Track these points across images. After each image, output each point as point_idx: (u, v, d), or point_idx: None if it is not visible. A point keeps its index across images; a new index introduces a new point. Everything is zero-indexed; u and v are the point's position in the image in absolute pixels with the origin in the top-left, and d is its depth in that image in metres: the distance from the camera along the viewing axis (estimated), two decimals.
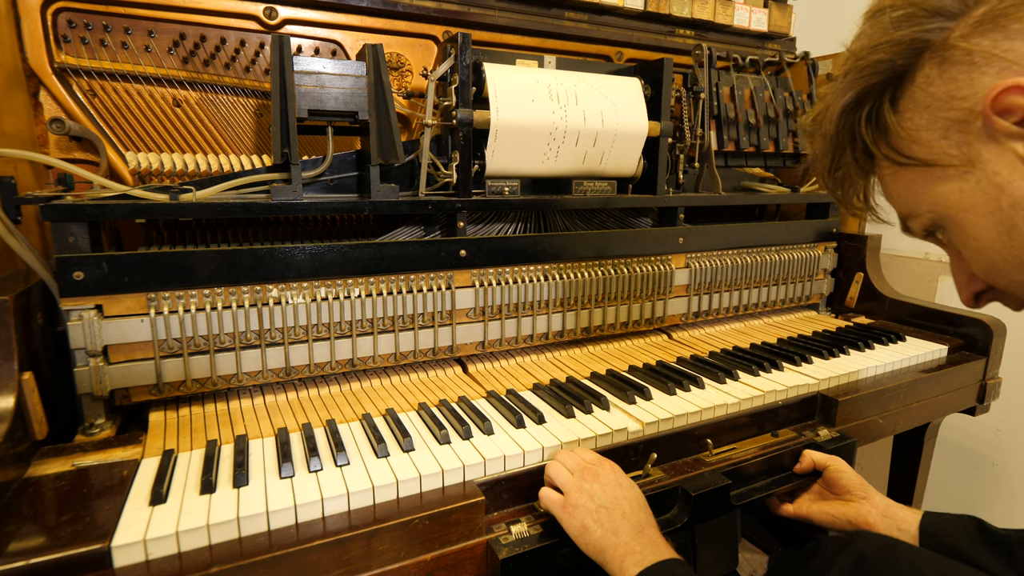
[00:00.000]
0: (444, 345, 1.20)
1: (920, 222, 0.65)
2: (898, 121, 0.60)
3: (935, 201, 0.61)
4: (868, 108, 0.62)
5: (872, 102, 0.62)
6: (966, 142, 0.57)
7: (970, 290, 0.67)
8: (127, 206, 0.94)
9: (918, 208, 0.64)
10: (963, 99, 0.56)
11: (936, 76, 0.57)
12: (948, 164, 0.59)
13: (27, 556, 0.63)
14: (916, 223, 0.66)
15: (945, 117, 0.57)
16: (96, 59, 1.10)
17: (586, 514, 0.81)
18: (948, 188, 0.60)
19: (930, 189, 0.61)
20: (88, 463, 0.83)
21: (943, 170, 0.59)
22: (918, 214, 0.64)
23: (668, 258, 1.43)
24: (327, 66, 1.05)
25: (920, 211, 0.64)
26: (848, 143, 0.65)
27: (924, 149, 0.60)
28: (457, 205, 1.19)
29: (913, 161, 0.61)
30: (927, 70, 0.58)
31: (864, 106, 0.62)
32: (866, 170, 0.67)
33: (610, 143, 1.33)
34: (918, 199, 0.63)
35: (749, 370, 1.26)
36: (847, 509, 1.04)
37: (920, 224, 0.65)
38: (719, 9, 1.63)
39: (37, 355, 0.89)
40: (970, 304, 0.69)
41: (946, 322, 1.57)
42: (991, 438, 1.94)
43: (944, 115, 0.57)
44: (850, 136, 0.64)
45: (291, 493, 0.77)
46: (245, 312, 1.01)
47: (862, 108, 0.62)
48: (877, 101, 0.61)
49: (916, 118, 0.59)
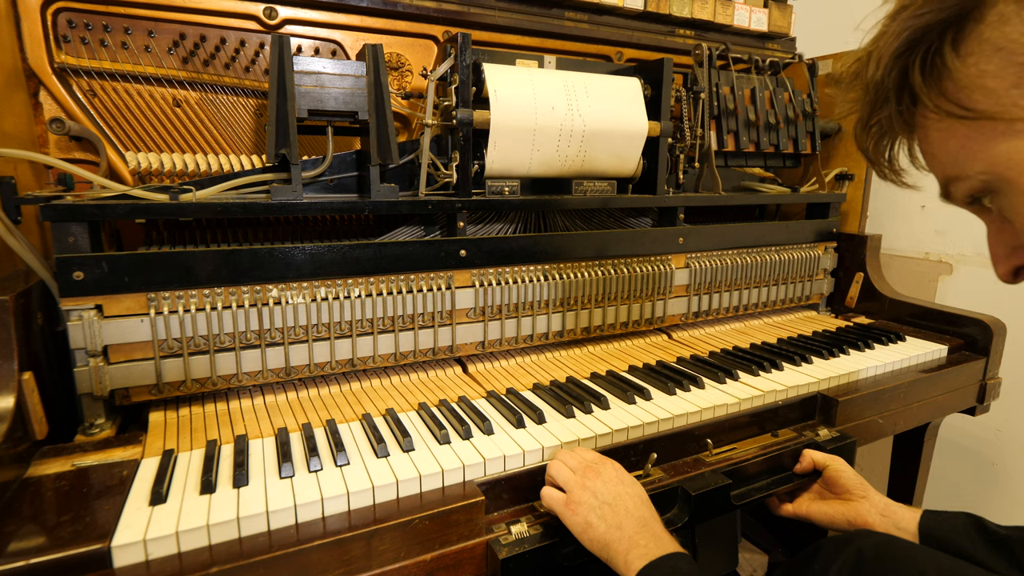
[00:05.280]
0: (444, 345, 1.20)
1: (968, 185, 0.58)
2: (960, 66, 0.53)
3: (993, 160, 0.54)
4: (925, 51, 0.55)
5: (930, 44, 0.54)
6: None
7: (1010, 263, 0.61)
8: (127, 206, 0.94)
9: (969, 168, 0.57)
10: None
11: (1013, 14, 0.51)
12: (1017, 117, 0.52)
13: (27, 556, 0.63)
14: (963, 186, 0.59)
15: (1020, 62, 0.51)
16: (96, 59, 1.10)
17: (589, 510, 0.81)
18: (1012, 146, 0.53)
19: (989, 146, 0.54)
20: (88, 463, 0.83)
21: (1009, 124, 0.52)
22: (968, 175, 0.57)
23: (668, 258, 1.43)
24: (327, 66, 1.05)
25: (971, 172, 0.57)
26: (894, 91, 0.58)
27: (989, 99, 0.53)
28: (457, 205, 1.19)
29: (973, 113, 0.54)
30: (1001, 7, 0.51)
31: (920, 49, 0.55)
32: (910, 124, 0.60)
33: (610, 143, 1.33)
34: (972, 158, 0.56)
35: (749, 370, 1.26)
36: (847, 509, 1.04)
37: (968, 187, 0.58)
38: (719, 9, 1.63)
39: (37, 355, 0.89)
40: (1007, 279, 0.63)
41: (946, 322, 1.57)
42: (991, 438, 1.94)
43: (1019, 60, 0.51)
44: (899, 83, 0.57)
45: (291, 493, 0.77)
46: (245, 312, 1.01)
47: (917, 51, 0.55)
48: (937, 43, 0.54)
49: (983, 63, 0.52)
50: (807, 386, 1.22)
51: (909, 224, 2.07)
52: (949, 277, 1.99)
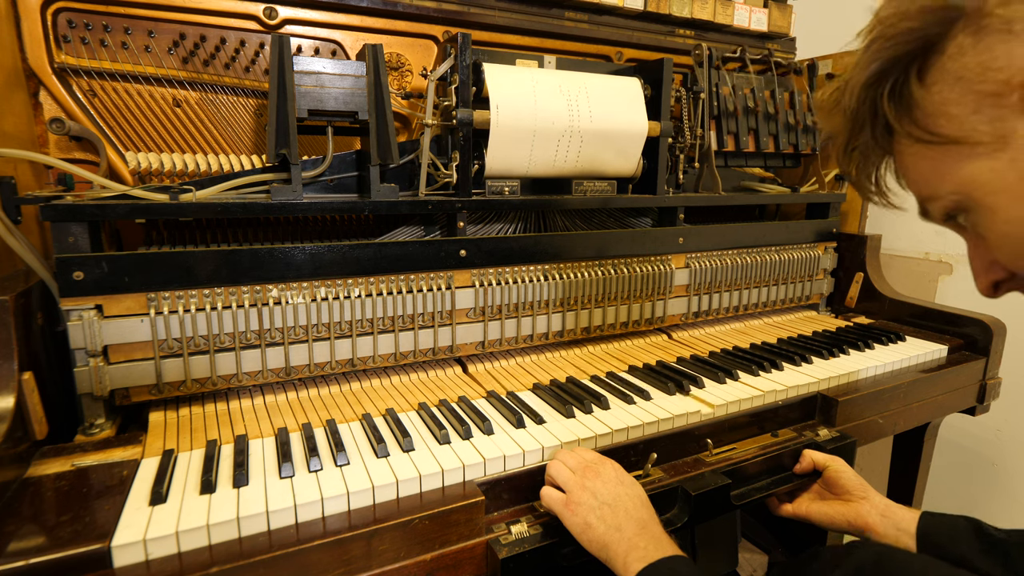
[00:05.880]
0: (444, 345, 1.20)
1: (942, 204, 0.61)
2: (925, 95, 0.56)
3: (961, 181, 0.57)
4: (893, 81, 0.58)
5: (898, 75, 0.58)
6: (999, 117, 0.53)
7: (989, 278, 0.63)
8: (127, 206, 0.94)
9: (941, 189, 0.59)
10: (998, 70, 0.52)
11: (970, 46, 0.53)
12: (978, 141, 0.55)
13: (27, 556, 0.63)
14: (937, 206, 0.61)
15: (977, 90, 0.53)
16: (96, 59, 1.10)
17: (588, 511, 0.81)
18: (977, 167, 0.56)
19: (956, 169, 0.57)
20: (88, 463, 0.83)
21: (972, 148, 0.55)
22: (940, 196, 0.60)
23: (668, 258, 1.43)
24: (327, 66, 1.05)
25: (943, 192, 0.59)
26: (868, 119, 0.61)
27: (952, 125, 0.56)
28: (457, 205, 1.19)
29: (939, 138, 0.57)
30: (960, 40, 0.54)
31: (888, 79, 0.58)
32: (885, 149, 0.63)
33: (610, 143, 1.33)
34: (941, 179, 0.59)
35: (749, 370, 1.26)
36: (846, 509, 1.04)
37: (941, 207, 0.61)
38: (719, 9, 1.63)
39: (37, 355, 0.89)
40: (988, 294, 0.65)
41: (946, 322, 1.56)
42: (991, 438, 1.94)
43: (976, 88, 0.53)
44: (871, 111, 0.61)
45: (291, 493, 0.77)
46: (245, 312, 1.01)
47: (886, 81, 0.58)
48: (903, 74, 0.57)
49: (945, 91, 0.55)
50: (807, 386, 1.22)
51: (909, 224, 2.07)
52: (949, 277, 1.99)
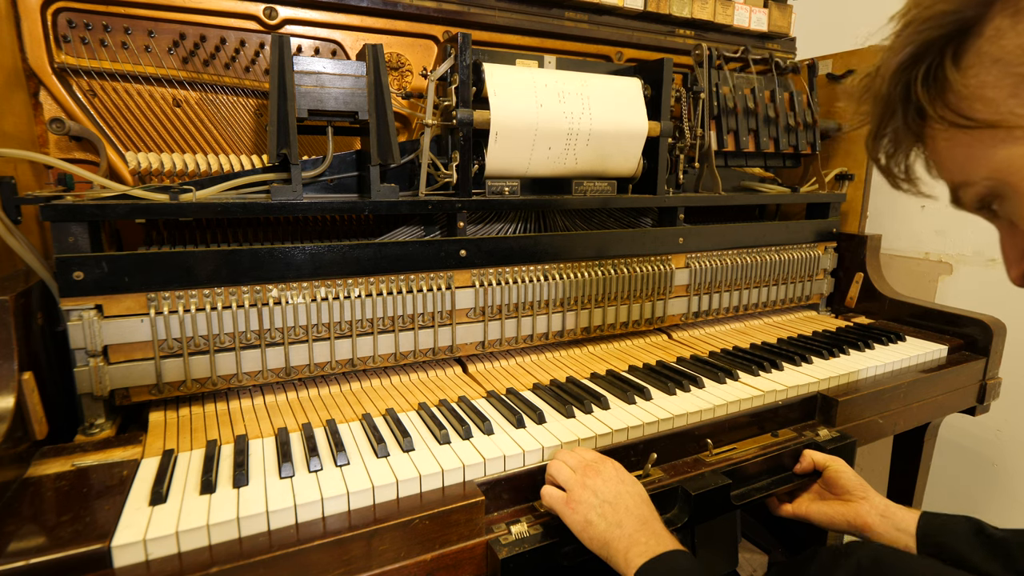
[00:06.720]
0: (444, 345, 1.20)
1: (975, 191, 0.60)
2: (960, 78, 0.56)
3: (996, 167, 0.57)
4: (927, 65, 0.57)
5: (932, 58, 0.57)
6: None
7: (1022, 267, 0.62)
8: (127, 206, 0.94)
9: (974, 175, 0.59)
10: None
11: (1008, 28, 0.53)
12: (1015, 125, 0.54)
13: (27, 556, 0.63)
14: (970, 192, 0.60)
15: (1016, 72, 0.53)
16: (96, 59, 1.10)
17: (589, 509, 0.81)
18: (1013, 152, 0.55)
19: (991, 154, 0.56)
20: (88, 463, 0.83)
21: (1009, 132, 0.55)
22: (974, 182, 0.59)
23: (668, 258, 1.43)
24: (327, 66, 1.05)
25: (976, 178, 0.59)
26: (900, 104, 0.60)
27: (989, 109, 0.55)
28: (457, 205, 1.19)
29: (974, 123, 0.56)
30: (998, 22, 0.53)
31: (922, 63, 0.57)
32: (916, 134, 0.62)
33: (610, 143, 1.33)
34: (976, 165, 0.58)
35: (749, 370, 1.26)
36: (846, 509, 1.04)
37: (975, 194, 0.60)
38: (719, 9, 1.63)
39: (37, 355, 0.89)
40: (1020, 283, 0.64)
41: (946, 322, 1.56)
42: (991, 438, 1.94)
43: (1015, 70, 0.53)
44: (904, 96, 0.60)
45: (291, 493, 0.77)
46: (245, 312, 1.01)
47: (920, 65, 0.57)
48: (938, 57, 0.56)
49: (982, 75, 0.55)
50: (807, 386, 1.22)
51: (909, 224, 2.07)
52: (949, 277, 1.99)
